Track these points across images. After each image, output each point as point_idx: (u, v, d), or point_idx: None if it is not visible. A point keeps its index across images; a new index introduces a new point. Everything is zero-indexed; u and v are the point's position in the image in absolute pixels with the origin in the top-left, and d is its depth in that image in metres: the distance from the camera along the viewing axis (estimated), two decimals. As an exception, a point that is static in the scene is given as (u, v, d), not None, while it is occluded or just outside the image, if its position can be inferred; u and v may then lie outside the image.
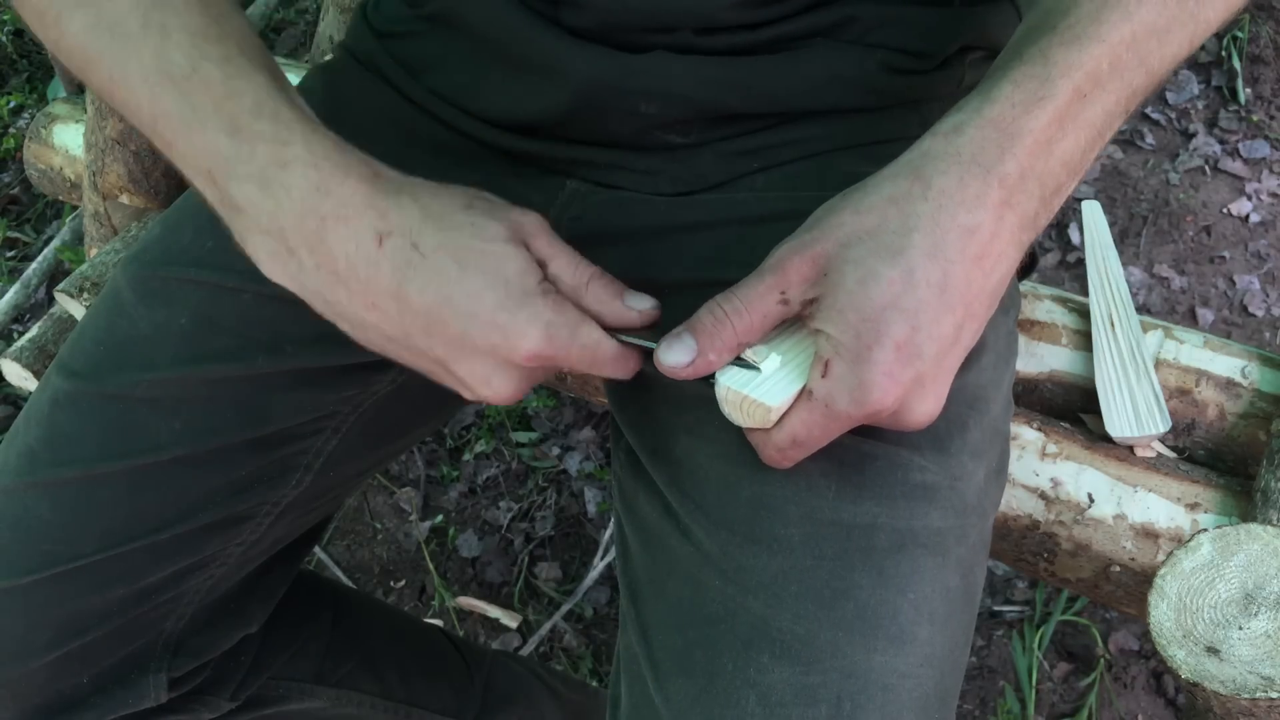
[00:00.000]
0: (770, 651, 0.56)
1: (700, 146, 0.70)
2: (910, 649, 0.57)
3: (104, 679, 0.72)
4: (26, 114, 2.02)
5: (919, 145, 0.53)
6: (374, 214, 0.53)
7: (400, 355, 0.56)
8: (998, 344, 0.68)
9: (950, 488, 0.61)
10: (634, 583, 0.64)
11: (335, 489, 0.79)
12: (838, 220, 0.52)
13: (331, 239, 0.52)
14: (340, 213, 0.52)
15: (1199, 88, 1.84)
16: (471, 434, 1.60)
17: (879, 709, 0.55)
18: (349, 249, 0.52)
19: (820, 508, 0.58)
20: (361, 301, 0.53)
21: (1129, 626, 1.35)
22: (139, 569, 0.70)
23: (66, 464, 0.69)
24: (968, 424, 0.63)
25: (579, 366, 0.55)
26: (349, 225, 0.52)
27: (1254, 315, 1.61)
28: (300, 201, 0.52)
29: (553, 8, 0.68)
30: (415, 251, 0.52)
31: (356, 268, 0.53)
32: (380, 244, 0.52)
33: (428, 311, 0.52)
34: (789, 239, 0.54)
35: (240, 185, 0.53)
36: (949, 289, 0.50)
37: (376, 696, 0.93)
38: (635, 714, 0.60)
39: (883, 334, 0.50)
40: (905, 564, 0.58)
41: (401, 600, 1.49)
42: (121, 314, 0.72)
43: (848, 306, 0.51)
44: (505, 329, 0.52)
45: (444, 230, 0.53)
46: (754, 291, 0.53)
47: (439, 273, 0.52)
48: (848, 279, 0.51)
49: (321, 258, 0.53)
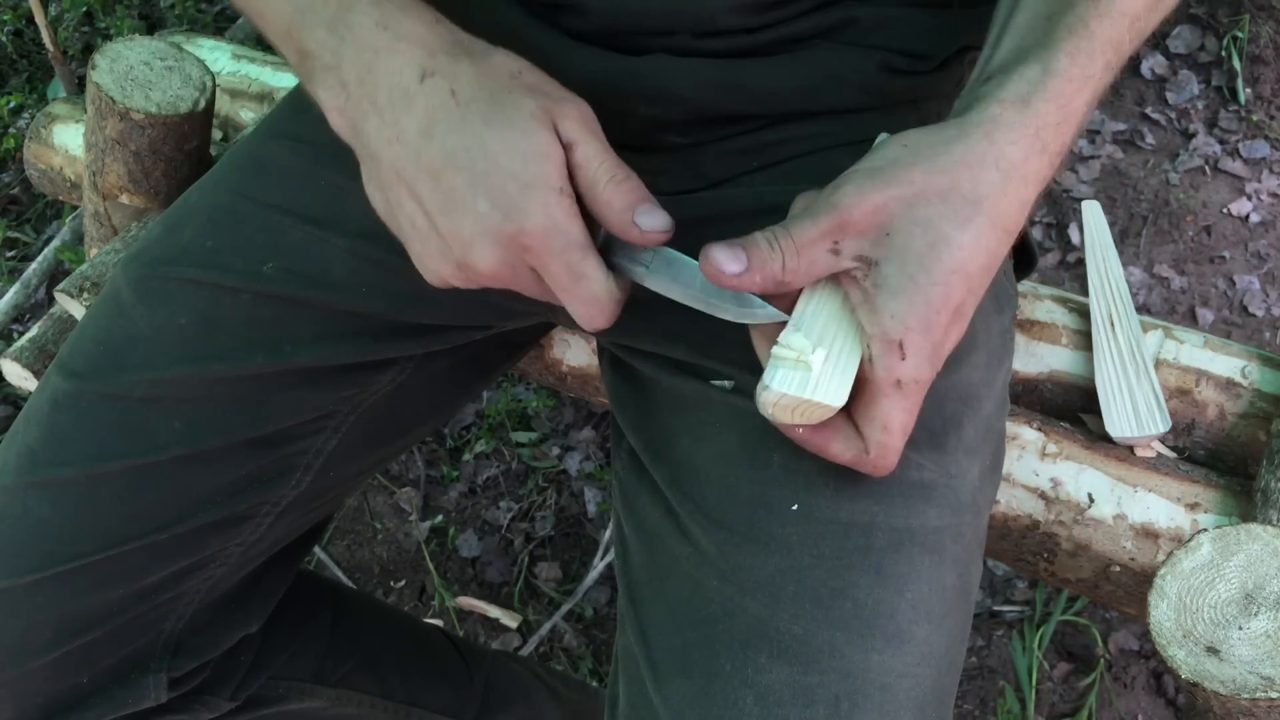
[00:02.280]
0: (768, 651, 0.56)
1: (700, 146, 0.70)
2: (908, 648, 0.57)
3: (103, 679, 0.72)
4: (26, 114, 2.02)
5: (987, 109, 0.52)
6: (424, 53, 0.54)
7: (398, 206, 0.55)
8: (990, 342, 0.68)
9: (946, 485, 0.61)
10: (633, 583, 0.64)
11: (335, 489, 0.79)
12: (907, 175, 0.51)
13: (379, 69, 0.54)
14: (393, 46, 0.54)
15: (1199, 88, 1.84)
16: (471, 434, 1.60)
17: (876, 708, 0.55)
18: (392, 80, 0.54)
19: (818, 506, 0.58)
20: (389, 133, 0.54)
21: (1129, 626, 1.35)
22: (139, 569, 0.70)
23: (66, 464, 0.69)
24: (962, 421, 0.63)
25: (554, 282, 0.54)
26: (397, 58, 0.54)
27: (1254, 315, 1.61)
28: (360, 36, 0.54)
29: (552, 11, 0.68)
30: (451, 97, 0.53)
31: (394, 99, 0.54)
32: (421, 80, 0.54)
33: (445, 156, 0.53)
34: (845, 181, 0.52)
35: (313, 32, 0.56)
36: (997, 256, 0.52)
37: (376, 696, 0.93)
38: (633, 714, 0.61)
39: (949, 298, 0.51)
40: (903, 563, 0.58)
41: (401, 600, 1.49)
42: (121, 314, 0.72)
43: (919, 270, 0.50)
44: (510, 199, 0.52)
45: (482, 87, 0.54)
46: (809, 234, 0.52)
47: (466, 123, 0.53)
48: (916, 241, 0.50)
49: (367, 88, 0.54)
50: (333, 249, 0.72)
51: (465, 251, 0.54)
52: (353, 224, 0.72)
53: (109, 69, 0.95)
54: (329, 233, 0.72)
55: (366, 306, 0.72)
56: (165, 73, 0.96)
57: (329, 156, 0.74)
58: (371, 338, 0.73)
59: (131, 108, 0.94)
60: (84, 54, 2.07)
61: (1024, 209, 0.52)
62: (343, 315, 0.72)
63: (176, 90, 0.96)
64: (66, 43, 2.07)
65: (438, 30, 0.56)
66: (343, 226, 0.72)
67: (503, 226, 0.52)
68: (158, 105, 0.95)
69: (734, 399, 0.62)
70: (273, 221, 0.73)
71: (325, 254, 0.72)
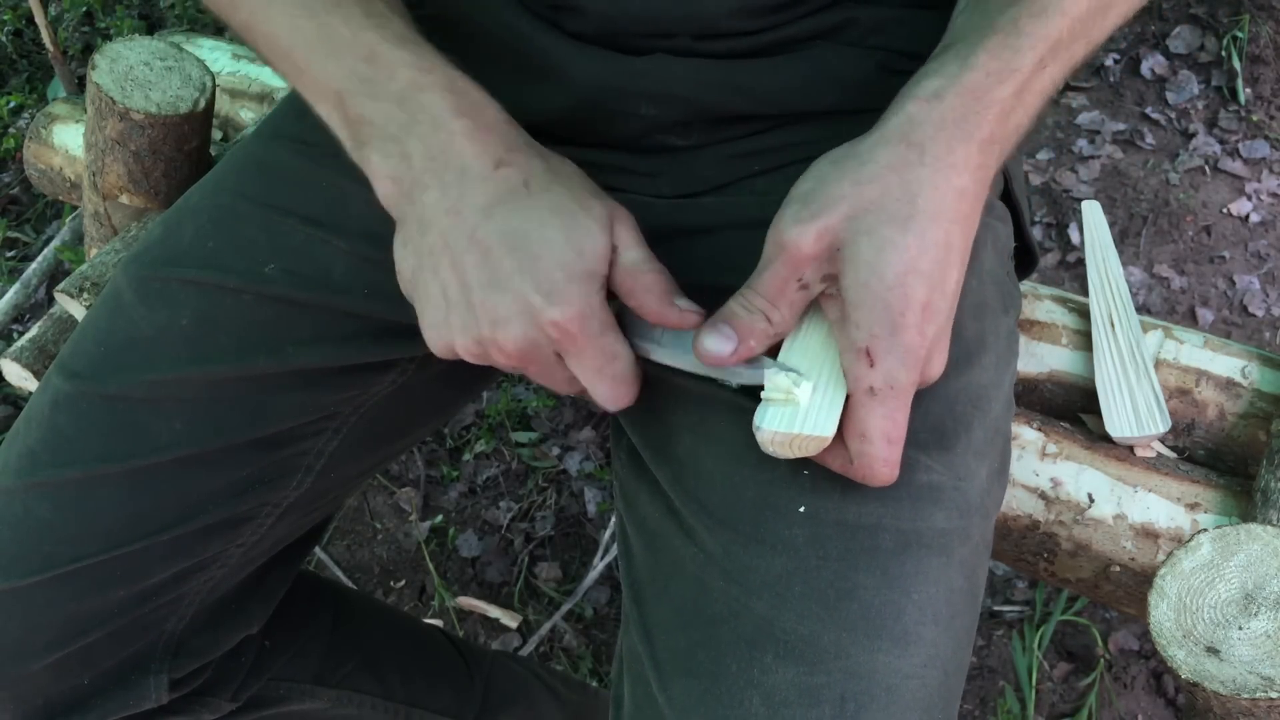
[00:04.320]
0: (774, 652, 0.56)
1: (701, 149, 0.70)
2: (915, 649, 0.57)
3: (104, 680, 0.72)
4: (26, 114, 2.02)
5: (901, 110, 0.54)
6: (502, 146, 0.58)
7: (432, 272, 0.58)
8: (998, 344, 0.68)
9: (955, 488, 0.61)
10: (637, 583, 0.64)
11: (336, 490, 0.79)
12: (838, 193, 0.53)
13: (453, 151, 0.57)
14: (471, 133, 0.57)
15: (1199, 88, 1.84)
16: (471, 434, 1.61)
17: (883, 709, 0.55)
18: (465, 162, 0.56)
19: (825, 508, 0.58)
20: (447, 205, 0.56)
21: (1129, 626, 1.35)
22: (140, 570, 0.70)
23: (67, 465, 0.69)
24: (971, 424, 0.63)
25: (587, 364, 0.57)
26: (475, 144, 0.57)
27: (1254, 315, 1.61)
28: (436, 117, 0.57)
29: (552, 12, 0.68)
30: (524, 187, 0.57)
31: (463, 178, 0.56)
32: (495, 168, 0.57)
33: (501, 235, 0.55)
34: (783, 216, 0.54)
35: (375, 103, 0.58)
36: (951, 248, 0.53)
37: (377, 697, 0.93)
38: (638, 714, 0.61)
39: (910, 297, 0.52)
40: (910, 564, 0.58)
41: (401, 600, 1.49)
42: (122, 315, 0.72)
43: (871, 277, 0.52)
44: (554, 286, 0.55)
45: (557, 183, 0.57)
46: (773, 284, 0.54)
47: (532, 211, 0.56)
48: (864, 250, 0.52)
49: (435, 164, 0.57)
50: (334, 250, 0.72)
51: (494, 328, 0.56)
52: (354, 225, 0.72)
53: (109, 69, 0.95)
54: (331, 234, 0.72)
55: (368, 308, 0.72)
56: (165, 73, 0.96)
57: (331, 158, 0.74)
58: (373, 339, 0.73)
59: (131, 108, 0.94)
60: (84, 54, 2.07)
61: (965, 196, 0.53)
62: (344, 317, 0.72)
63: (176, 90, 0.96)
64: (66, 43, 2.07)
65: (514, 128, 0.60)
66: (344, 228, 0.72)
67: (542, 311, 0.55)
68: (158, 105, 0.95)
69: (739, 398, 0.62)
70: (274, 223, 0.73)
71: (327, 255, 0.72)
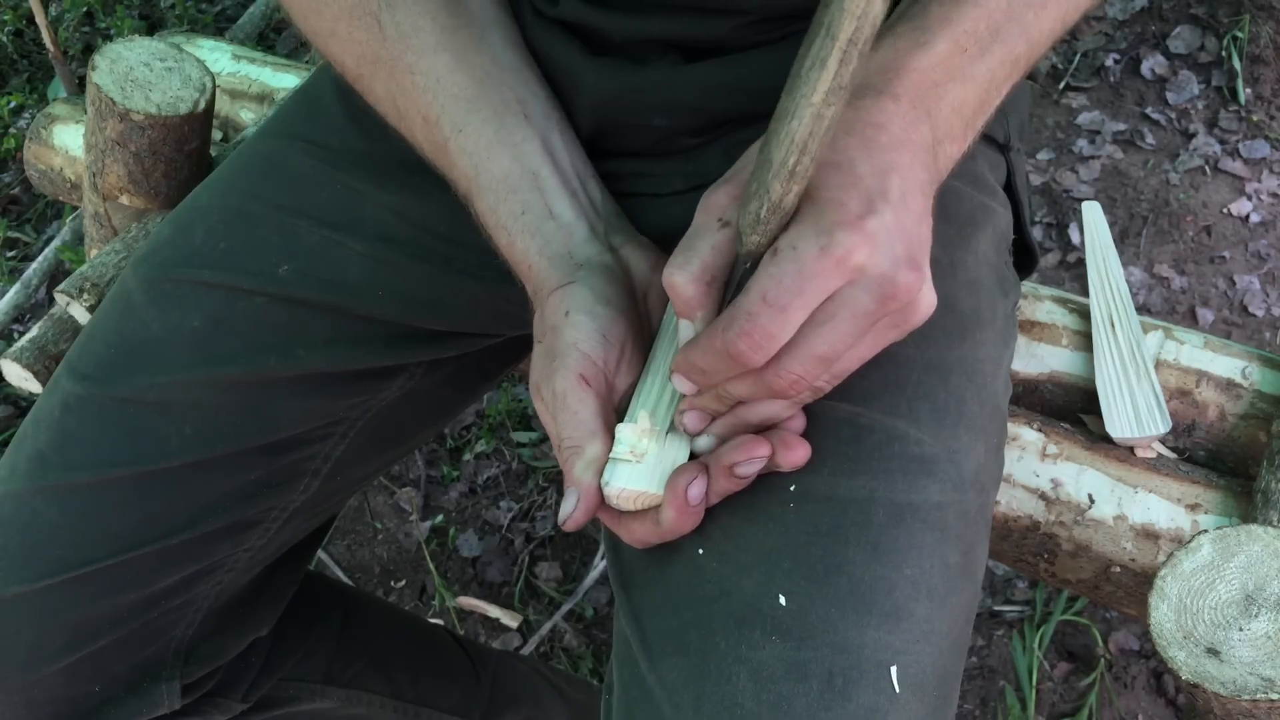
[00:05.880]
0: (762, 628, 0.55)
1: (710, 144, 0.70)
2: (906, 625, 0.56)
3: (116, 688, 0.72)
4: (26, 114, 2.03)
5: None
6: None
7: None
8: (996, 322, 0.68)
9: (949, 460, 0.60)
10: (624, 569, 0.64)
11: (341, 493, 0.80)
12: (746, 154, 0.56)
13: (551, 302, 0.61)
14: (566, 289, 0.61)
15: (1199, 88, 1.84)
16: (472, 434, 1.61)
17: (872, 685, 0.54)
18: (553, 312, 0.61)
19: (815, 484, 0.58)
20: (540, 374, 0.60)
21: (1129, 626, 1.35)
22: (149, 574, 0.70)
23: (76, 469, 0.69)
24: (965, 397, 0.63)
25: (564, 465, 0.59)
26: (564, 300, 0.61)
27: (1254, 315, 1.61)
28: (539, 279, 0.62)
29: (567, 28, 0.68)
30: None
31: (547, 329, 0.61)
32: (566, 315, 0.60)
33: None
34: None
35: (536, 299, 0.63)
36: (874, 145, 0.52)
37: (386, 696, 0.94)
38: (626, 695, 0.60)
39: (824, 178, 0.51)
40: (902, 538, 0.57)
41: (402, 600, 1.49)
42: (132, 316, 0.72)
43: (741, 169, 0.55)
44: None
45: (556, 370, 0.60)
46: (704, 241, 0.54)
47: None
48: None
49: (547, 340, 0.60)
50: (349, 252, 0.72)
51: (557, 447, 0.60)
52: (369, 228, 0.72)
53: (109, 70, 0.95)
54: (345, 236, 0.72)
55: (381, 311, 0.72)
56: (165, 73, 0.96)
57: (344, 160, 0.74)
58: (384, 343, 0.73)
59: (131, 109, 0.94)
60: (84, 54, 2.07)
61: (881, 128, 0.53)
62: (356, 319, 0.72)
63: (176, 91, 0.96)
64: (67, 43, 2.07)
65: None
66: (359, 230, 0.72)
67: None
68: (158, 106, 0.95)
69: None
70: (287, 224, 0.73)
71: (342, 257, 0.72)
